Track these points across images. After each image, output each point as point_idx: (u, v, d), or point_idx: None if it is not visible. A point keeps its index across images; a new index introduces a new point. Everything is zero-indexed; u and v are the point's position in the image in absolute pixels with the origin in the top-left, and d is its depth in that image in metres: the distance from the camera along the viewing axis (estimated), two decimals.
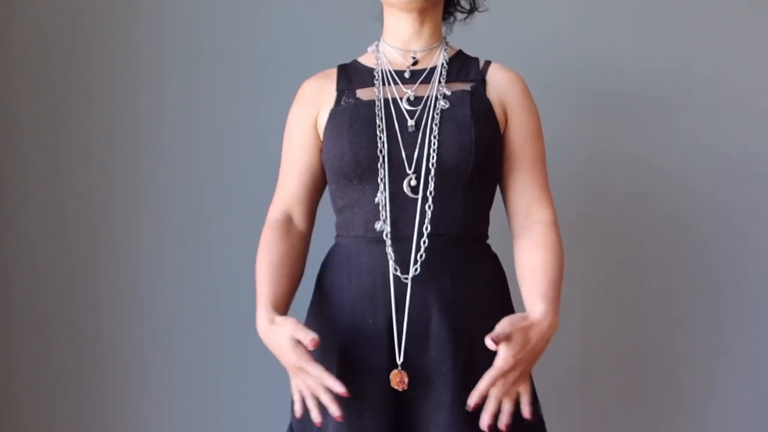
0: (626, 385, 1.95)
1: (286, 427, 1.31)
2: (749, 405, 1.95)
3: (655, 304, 1.94)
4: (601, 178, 1.93)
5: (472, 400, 1.07)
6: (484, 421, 1.08)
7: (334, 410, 1.09)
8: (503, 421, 1.09)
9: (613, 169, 1.92)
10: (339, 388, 1.08)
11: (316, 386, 1.10)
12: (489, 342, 1.04)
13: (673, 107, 1.91)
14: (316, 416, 1.12)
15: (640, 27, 1.90)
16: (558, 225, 1.25)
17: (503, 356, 1.07)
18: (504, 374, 1.07)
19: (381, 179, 1.17)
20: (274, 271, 1.21)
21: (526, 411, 1.11)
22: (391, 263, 1.16)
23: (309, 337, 1.07)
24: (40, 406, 1.90)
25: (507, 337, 1.07)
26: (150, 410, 1.91)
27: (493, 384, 1.07)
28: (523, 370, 1.10)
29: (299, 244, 1.28)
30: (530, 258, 1.20)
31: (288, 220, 1.29)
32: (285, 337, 1.11)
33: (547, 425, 1.31)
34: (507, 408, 1.10)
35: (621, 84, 1.91)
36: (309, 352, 1.09)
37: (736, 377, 1.95)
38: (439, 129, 1.18)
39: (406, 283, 1.16)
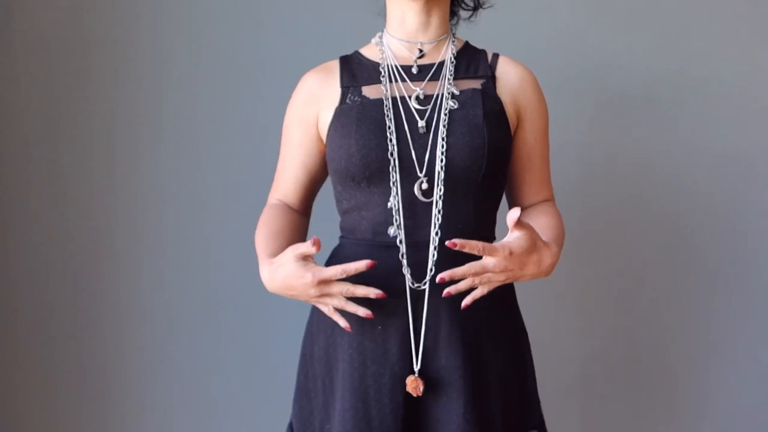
0: (626, 385, 1.95)
1: (285, 426, 1.31)
2: (749, 405, 1.95)
3: (655, 304, 1.94)
4: (601, 179, 1.93)
5: (444, 275, 1.04)
6: (451, 288, 1.07)
7: (362, 311, 1.08)
8: (465, 298, 1.08)
9: (613, 169, 1.92)
10: (362, 311, 1.08)
11: (341, 301, 1.08)
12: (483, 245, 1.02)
13: (673, 108, 1.91)
14: (344, 323, 1.10)
15: (640, 28, 1.90)
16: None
17: (495, 260, 1.04)
18: (486, 270, 1.05)
19: (393, 183, 1.13)
20: (272, 237, 1.19)
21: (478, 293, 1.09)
22: (406, 271, 1.13)
23: (309, 241, 1.03)
24: (40, 406, 1.90)
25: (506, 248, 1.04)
26: (150, 410, 1.91)
27: (473, 274, 1.06)
28: (508, 276, 1.07)
29: (299, 221, 1.27)
30: (535, 221, 1.20)
31: (287, 204, 1.29)
32: (290, 261, 1.07)
33: (547, 425, 1.31)
34: (477, 291, 1.08)
35: (620, 85, 1.91)
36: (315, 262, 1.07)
37: (736, 377, 1.95)
38: (449, 130, 1.14)
39: (420, 291, 1.13)
